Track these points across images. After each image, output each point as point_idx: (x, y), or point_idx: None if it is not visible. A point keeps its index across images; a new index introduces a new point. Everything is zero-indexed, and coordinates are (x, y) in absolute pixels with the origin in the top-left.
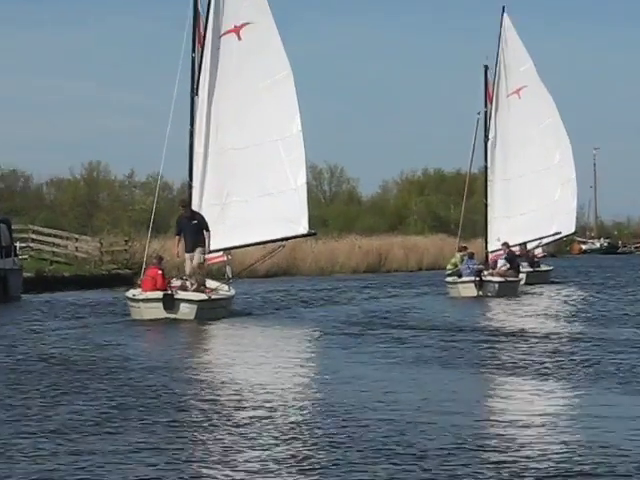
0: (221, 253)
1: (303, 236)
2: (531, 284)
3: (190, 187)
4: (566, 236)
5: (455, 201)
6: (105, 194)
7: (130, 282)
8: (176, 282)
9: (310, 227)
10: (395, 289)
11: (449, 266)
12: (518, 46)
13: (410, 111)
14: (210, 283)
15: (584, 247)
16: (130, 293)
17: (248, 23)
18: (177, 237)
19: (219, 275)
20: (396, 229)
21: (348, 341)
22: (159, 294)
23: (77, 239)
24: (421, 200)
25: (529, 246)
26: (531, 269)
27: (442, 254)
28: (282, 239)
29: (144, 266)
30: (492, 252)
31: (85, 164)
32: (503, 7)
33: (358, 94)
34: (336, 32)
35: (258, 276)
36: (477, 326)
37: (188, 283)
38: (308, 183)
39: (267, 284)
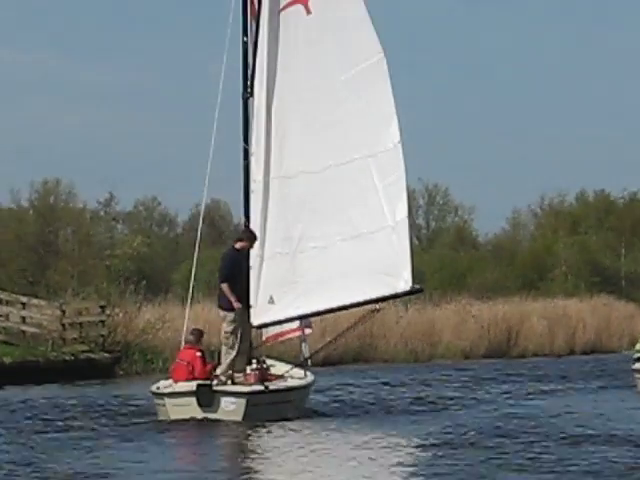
0: (296, 325)
1: (405, 294)
2: None
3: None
4: None
5: (629, 243)
6: (68, 231)
7: (109, 372)
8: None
9: (414, 281)
10: (544, 384)
11: (638, 346)
12: None
13: (554, 102)
14: (278, 367)
15: None
16: (155, 386)
17: None
18: (225, 284)
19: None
20: (534, 288)
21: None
22: (192, 385)
23: (24, 304)
24: (574, 242)
25: None
26: None
27: (608, 328)
28: (376, 300)
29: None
30: None
31: (36, 184)
32: None
33: (470, 72)
34: None
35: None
36: None
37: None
38: None
39: (327, 375)
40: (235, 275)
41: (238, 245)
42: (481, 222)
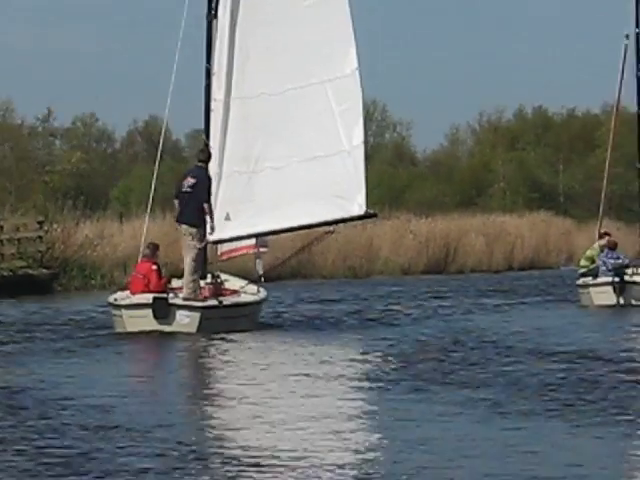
0: (251, 241)
1: (359, 218)
2: None
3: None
4: None
5: (567, 159)
6: (6, 147)
7: (47, 288)
8: (178, 282)
9: (368, 205)
10: (485, 299)
11: (583, 261)
12: None
13: (495, 19)
14: (232, 281)
15: None
16: (112, 297)
17: None
18: (175, 201)
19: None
20: (472, 204)
21: (422, 383)
22: (148, 298)
23: None
24: (512, 158)
25: None
26: None
27: (546, 244)
28: (330, 222)
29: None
30: None
31: None
32: None
33: None
34: None
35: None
36: (607, 354)
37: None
38: None
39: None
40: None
41: (205, 165)
42: (419, 138)
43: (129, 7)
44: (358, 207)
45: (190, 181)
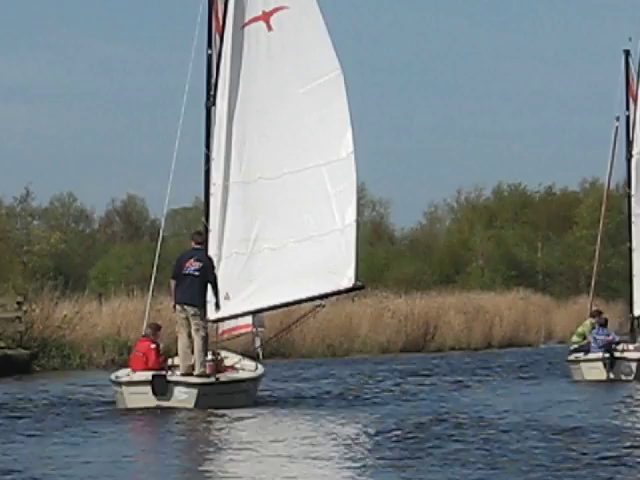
0: (250, 320)
1: (348, 291)
2: None
3: (206, 231)
4: None
5: (545, 237)
6: None
7: (26, 368)
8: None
9: (357, 279)
10: (466, 377)
11: (575, 337)
12: None
13: (473, 97)
14: (232, 358)
15: None
16: (114, 375)
17: (281, 7)
18: (172, 282)
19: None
20: (451, 282)
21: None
22: (148, 375)
23: None
24: (490, 236)
25: None
26: None
27: (525, 321)
28: (321, 296)
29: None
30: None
31: None
32: None
33: (398, 74)
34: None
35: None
36: (595, 429)
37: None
38: None
39: None
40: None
41: (203, 247)
42: (398, 217)
43: (101, 88)
44: (347, 280)
45: (195, 264)
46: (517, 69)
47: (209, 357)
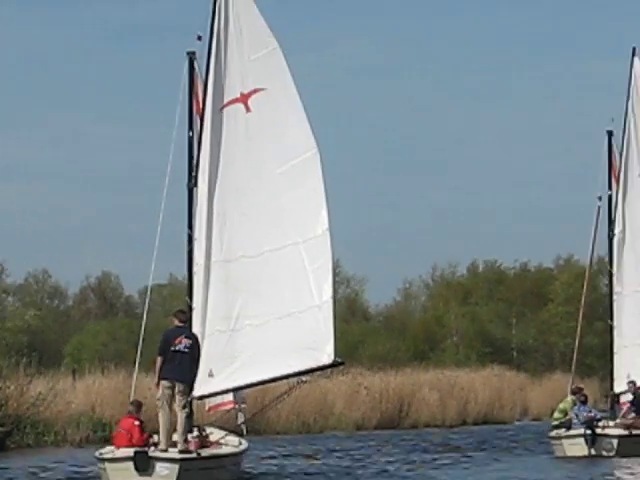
0: (231, 397)
1: (328, 367)
2: None
3: (190, 309)
4: None
5: (520, 314)
6: None
7: (0, 446)
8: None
9: (337, 355)
10: (442, 453)
11: (556, 414)
12: None
13: (453, 177)
14: (216, 434)
15: None
16: (98, 452)
17: (259, 89)
18: (159, 358)
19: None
20: (426, 358)
21: None
22: (129, 452)
23: None
24: (465, 313)
25: None
26: None
27: (500, 398)
28: (303, 372)
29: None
30: (620, 394)
31: None
32: (634, 48)
33: (374, 151)
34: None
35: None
36: None
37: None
38: None
39: None
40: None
41: (186, 325)
42: (373, 293)
43: (75, 165)
44: (327, 356)
45: (185, 341)
46: (496, 146)
47: (195, 433)
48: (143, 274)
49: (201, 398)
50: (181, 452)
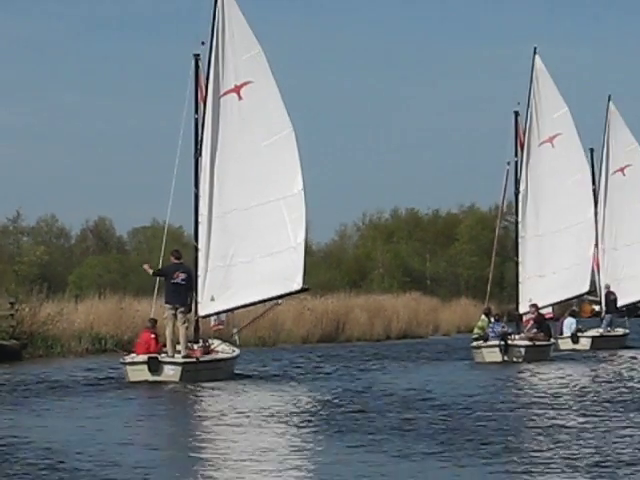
0: (221, 320)
1: (297, 292)
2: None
3: (196, 250)
4: (578, 296)
5: (432, 250)
6: None
7: (17, 356)
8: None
9: (304, 283)
10: (382, 361)
11: (476, 330)
12: (552, 91)
13: (380, 138)
14: (216, 344)
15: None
16: (122, 358)
17: (248, 82)
18: (157, 277)
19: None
20: (357, 286)
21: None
22: (144, 357)
23: None
24: (389, 249)
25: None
26: (597, 334)
27: (417, 318)
28: (276, 297)
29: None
30: (524, 315)
31: None
32: (535, 48)
33: (316, 108)
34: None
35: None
36: (483, 399)
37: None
38: None
39: None
40: (166, 277)
41: (182, 262)
42: (315, 234)
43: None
44: (297, 284)
45: (182, 275)
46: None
47: (200, 343)
48: (131, 218)
49: (205, 317)
50: (184, 357)
